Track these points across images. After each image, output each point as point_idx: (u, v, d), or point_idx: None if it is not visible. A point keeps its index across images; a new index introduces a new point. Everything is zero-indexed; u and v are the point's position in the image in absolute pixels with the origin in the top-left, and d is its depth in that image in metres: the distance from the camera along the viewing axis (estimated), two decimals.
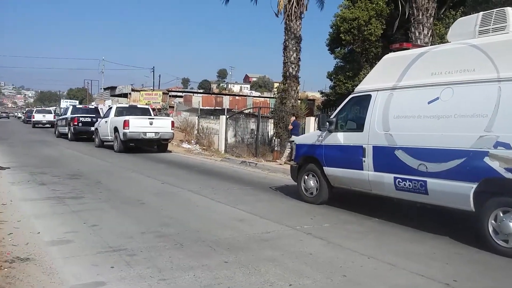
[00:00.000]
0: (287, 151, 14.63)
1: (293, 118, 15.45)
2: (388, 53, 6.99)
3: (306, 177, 7.83)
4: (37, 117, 39.23)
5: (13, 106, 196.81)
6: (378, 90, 6.57)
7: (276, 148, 16.34)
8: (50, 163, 12.49)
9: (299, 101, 18.90)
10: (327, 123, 7.26)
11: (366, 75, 7.80)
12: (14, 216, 6.10)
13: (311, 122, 14.54)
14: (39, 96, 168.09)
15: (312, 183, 7.68)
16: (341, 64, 25.60)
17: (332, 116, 7.39)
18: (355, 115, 7.27)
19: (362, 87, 7.09)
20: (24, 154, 14.96)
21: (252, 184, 9.92)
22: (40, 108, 50.08)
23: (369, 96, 6.70)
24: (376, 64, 7.39)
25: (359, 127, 6.79)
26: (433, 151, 5.60)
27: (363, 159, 6.56)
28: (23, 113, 61.85)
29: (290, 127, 15.16)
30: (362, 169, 6.60)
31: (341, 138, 7.12)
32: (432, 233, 5.82)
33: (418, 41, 14.97)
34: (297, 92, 18.19)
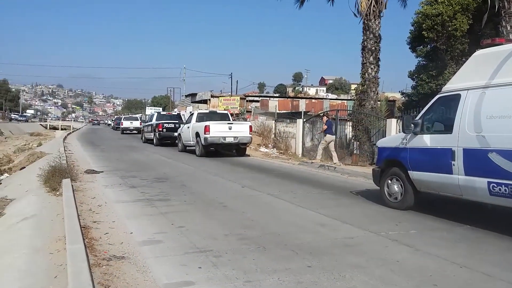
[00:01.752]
0: (320, 150, 15.49)
1: (325, 118, 16.10)
2: (478, 50, 6.55)
3: (389, 181, 7.56)
4: (125, 124, 41.76)
5: (103, 113, 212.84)
6: (468, 89, 6.18)
7: (355, 152, 15.99)
8: (139, 167, 13.28)
9: (378, 102, 18.34)
10: (412, 125, 6.95)
11: (451, 74, 7.41)
12: (109, 217, 6.56)
13: (392, 124, 14.01)
14: (126, 104, 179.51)
15: (396, 187, 7.40)
16: (424, 62, 24.50)
17: (417, 118, 7.07)
18: (443, 116, 6.88)
19: (451, 86, 6.70)
20: (115, 159, 16.04)
21: (332, 188, 9.79)
22: (127, 116, 53.33)
23: (459, 95, 6.32)
24: (463, 61, 6.96)
25: (448, 129, 6.43)
26: None
27: (453, 162, 6.20)
28: (112, 120, 66.47)
29: (325, 127, 15.69)
30: (452, 173, 6.23)
31: (427, 140, 6.79)
32: None
33: (510, 35, 13.91)
34: (377, 93, 17.68)
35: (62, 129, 57.27)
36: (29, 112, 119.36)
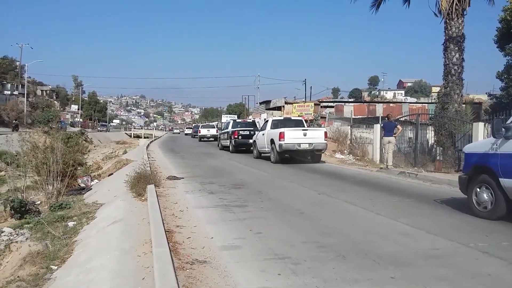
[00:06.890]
0: (385, 155, 15.67)
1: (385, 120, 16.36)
2: None
3: (478, 189, 7.07)
4: (203, 131, 43.22)
5: (182, 122, 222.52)
6: None
7: (438, 158, 15.17)
8: (216, 174, 13.66)
9: (463, 105, 17.26)
10: (504, 129, 6.46)
11: None
12: (190, 222, 6.81)
13: (479, 128, 13.12)
14: (203, 113, 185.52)
15: (485, 196, 6.90)
16: None
17: (509, 121, 6.56)
18: None
19: None
20: (194, 165, 16.64)
21: (414, 196, 9.35)
22: (205, 124, 55.24)
23: None
24: None
25: None
26: None
27: None
28: (190, 128, 69.37)
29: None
30: None
31: None
32: None
33: None
34: (461, 96, 16.64)
35: (144, 138, 60.67)
36: (115, 121, 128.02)
